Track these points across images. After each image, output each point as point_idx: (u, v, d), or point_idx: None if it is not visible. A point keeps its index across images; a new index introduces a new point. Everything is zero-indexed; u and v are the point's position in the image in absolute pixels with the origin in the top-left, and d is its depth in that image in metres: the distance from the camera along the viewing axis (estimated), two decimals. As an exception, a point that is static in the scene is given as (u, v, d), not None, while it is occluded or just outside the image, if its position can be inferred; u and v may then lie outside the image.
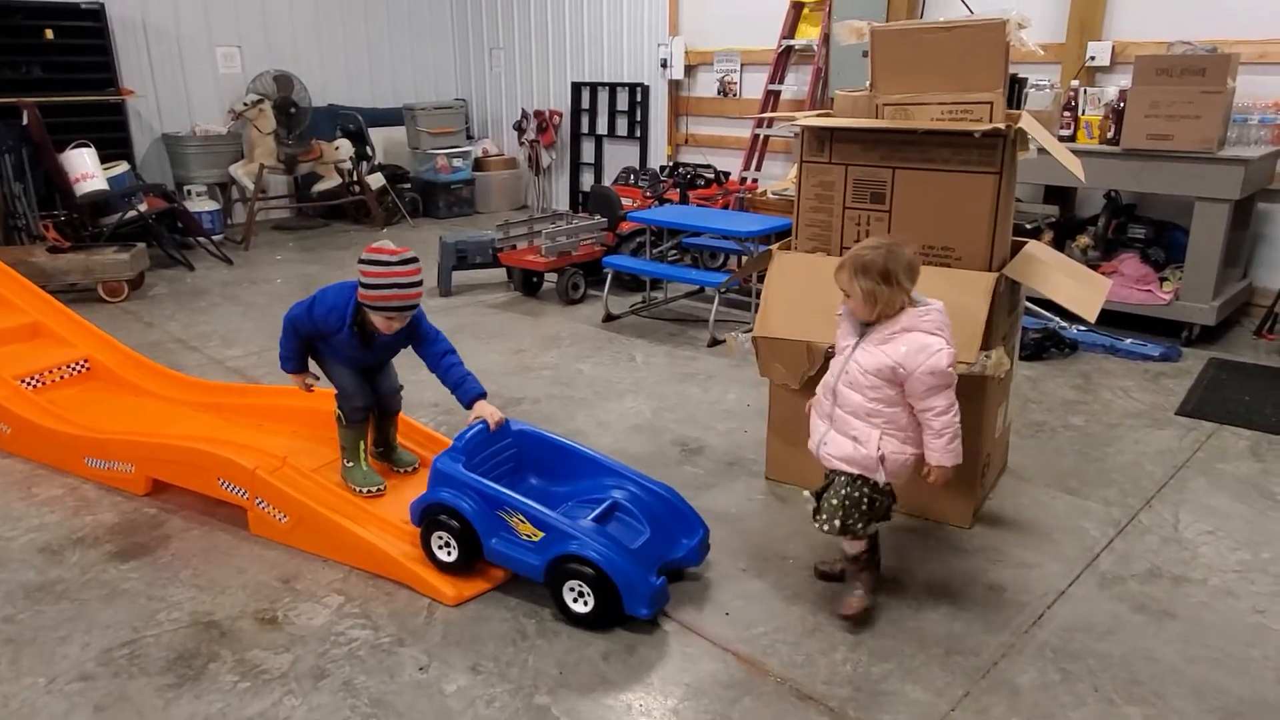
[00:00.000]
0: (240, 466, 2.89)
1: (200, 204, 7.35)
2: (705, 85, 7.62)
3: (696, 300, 5.63)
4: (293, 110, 7.74)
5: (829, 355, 2.62)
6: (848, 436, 2.40)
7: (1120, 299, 4.78)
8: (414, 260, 2.79)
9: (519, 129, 8.90)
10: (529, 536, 2.52)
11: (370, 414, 3.08)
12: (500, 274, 6.00)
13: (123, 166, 6.66)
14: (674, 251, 5.82)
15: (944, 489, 2.88)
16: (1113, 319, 4.69)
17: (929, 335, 2.29)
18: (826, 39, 6.48)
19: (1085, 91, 4.95)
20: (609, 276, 5.27)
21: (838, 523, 2.42)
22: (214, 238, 7.10)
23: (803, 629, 2.45)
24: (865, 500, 2.42)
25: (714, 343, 4.80)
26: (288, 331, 2.97)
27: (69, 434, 3.33)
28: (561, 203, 8.91)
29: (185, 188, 7.49)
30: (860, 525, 2.43)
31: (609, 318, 5.27)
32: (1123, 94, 4.67)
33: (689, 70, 7.63)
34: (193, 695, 2.20)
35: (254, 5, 8.11)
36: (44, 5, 6.70)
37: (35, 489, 3.26)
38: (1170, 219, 5.12)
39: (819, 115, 2.99)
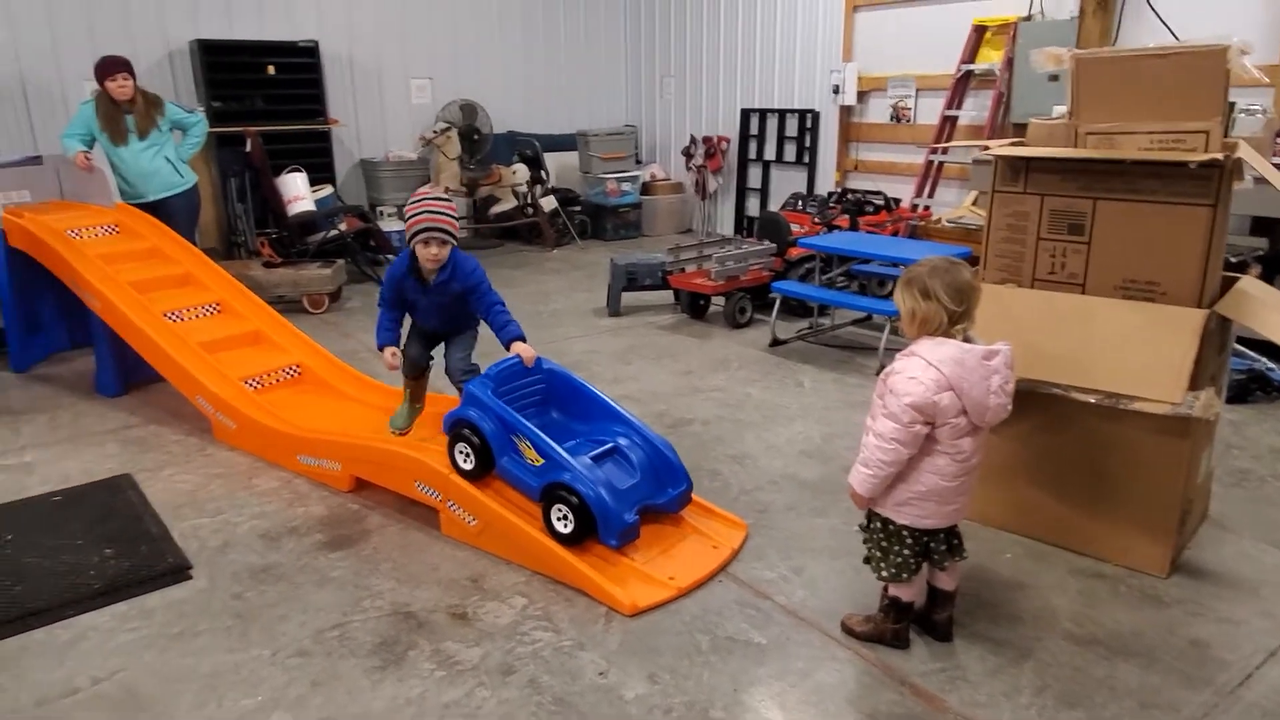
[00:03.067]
0: (435, 470, 3.10)
1: (390, 224, 7.87)
2: (877, 111, 7.53)
3: (864, 327, 5.58)
4: (476, 137, 8.22)
5: None
6: None
7: (1341, 341, 4.37)
8: (447, 200, 3.41)
9: (687, 154, 9.06)
10: (533, 461, 2.94)
11: (423, 371, 3.63)
12: (667, 296, 6.14)
13: (328, 189, 7.25)
14: (842, 278, 5.78)
15: (1140, 534, 2.75)
16: (1331, 362, 4.31)
17: (924, 364, 2.18)
18: (1009, 63, 6.29)
19: (1303, 116, 4.59)
20: (776, 301, 5.30)
21: (867, 554, 2.47)
22: (402, 255, 7.60)
23: (983, 669, 2.39)
24: (880, 537, 2.40)
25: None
26: (382, 301, 3.51)
27: (285, 432, 3.66)
28: (726, 227, 8.99)
29: (377, 208, 8.06)
30: (879, 568, 2.42)
31: (775, 342, 5.29)
32: (1348, 118, 4.30)
33: (861, 96, 7.57)
34: (395, 679, 2.38)
35: (446, 40, 8.66)
36: (267, 44, 7.43)
37: (255, 480, 3.60)
38: (1402, 254, 4.65)
39: (1012, 144, 2.93)
